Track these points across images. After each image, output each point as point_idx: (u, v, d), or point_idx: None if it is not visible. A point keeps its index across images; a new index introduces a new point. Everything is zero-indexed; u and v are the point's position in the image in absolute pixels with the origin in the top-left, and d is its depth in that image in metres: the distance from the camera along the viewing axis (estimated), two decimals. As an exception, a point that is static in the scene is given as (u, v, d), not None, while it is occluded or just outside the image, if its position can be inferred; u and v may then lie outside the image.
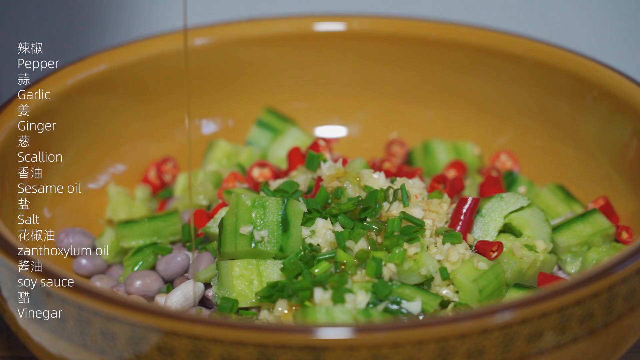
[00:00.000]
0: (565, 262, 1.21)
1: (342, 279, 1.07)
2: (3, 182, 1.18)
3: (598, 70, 1.29)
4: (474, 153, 1.40)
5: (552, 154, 1.36)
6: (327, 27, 1.43)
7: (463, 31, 1.40)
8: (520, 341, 0.94)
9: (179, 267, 1.18)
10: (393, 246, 1.11)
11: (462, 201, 1.17)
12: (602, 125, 1.29)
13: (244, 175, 1.32)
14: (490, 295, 1.11)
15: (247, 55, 1.43)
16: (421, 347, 0.92)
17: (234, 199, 1.13)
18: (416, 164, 1.40)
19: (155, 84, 1.39)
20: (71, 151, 1.31)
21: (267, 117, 1.43)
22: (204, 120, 1.44)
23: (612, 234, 1.22)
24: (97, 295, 0.96)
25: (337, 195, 1.15)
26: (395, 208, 1.14)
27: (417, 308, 1.07)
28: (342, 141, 1.43)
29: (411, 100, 1.45)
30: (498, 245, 1.14)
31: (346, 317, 1.04)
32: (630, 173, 1.25)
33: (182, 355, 0.93)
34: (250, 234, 1.12)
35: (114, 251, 1.25)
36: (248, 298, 1.10)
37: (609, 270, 0.98)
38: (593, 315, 0.97)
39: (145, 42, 1.38)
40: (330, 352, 0.91)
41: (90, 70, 1.33)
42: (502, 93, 1.39)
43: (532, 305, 0.94)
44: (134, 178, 1.38)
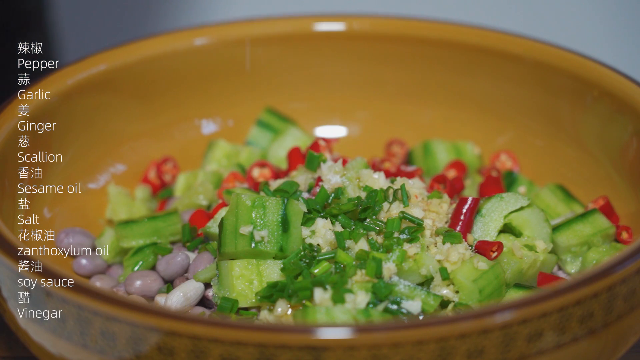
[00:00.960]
0: (565, 262, 1.21)
1: (342, 279, 1.07)
2: (3, 182, 1.18)
3: (598, 70, 1.29)
4: (474, 153, 1.40)
5: (552, 154, 1.36)
6: (327, 27, 1.43)
7: (463, 31, 1.40)
8: (520, 341, 0.94)
9: (179, 267, 1.18)
10: (393, 246, 1.11)
11: (462, 201, 1.17)
12: (602, 125, 1.29)
13: (244, 175, 1.32)
14: (490, 295, 1.11)
15: (247, 55, 1.43)
16: (421, 347, 0.92)
17: (234, 199, 1.13)
18: (416, 164, 1.40)
19: (155, 84, 1.39)
20: (71, 151, 1.31)
21: (267, 117, 1.43)
22: (204, 120, 1.44)
23: (612, 234, 1.22)
24: (97, 295, 0.96)
25: (337, 195, 1.15)
26: (395, 208, 1.14)
27: (417, 308, 1.07)
28: (342, 141, 1.43)
29: (411, 100, 1.45)
30: (498, 245, 1.14)
31: (346, 317, 1.04)
32: (630, 173, 1.25)
33: (182, 355, 0.93)
34: (250, 234, 1.12)
35: (114, 251, 1.25)
36: (248, 298, 1.10)
37: (609, 270, 0.98)
38: (593, 315, 0.97)
39: (145, 42, 1.38)
40: (330, 352, 0.91)
41: (90, 70, 1.33)
42: (502, 93, 1.39)
43: (532, 305, 0.94)
44: (134, 178, 1.38)
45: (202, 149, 1.41)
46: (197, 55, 1.40)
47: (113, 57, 1.35)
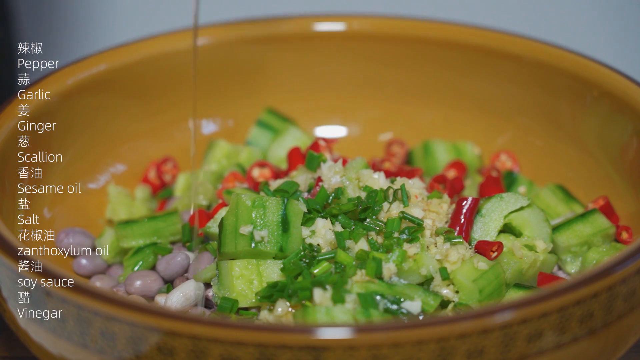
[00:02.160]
0: (565, 262, 1.21)
1: (342, 279, 1.07)
2: (3, 182, 1.17)
3: (598, 70, 1.29)
4: (474, 153, 1.40)
5: (552, 154, 1.36)
6: (327, 27, 1.43)
7: (463, 31, 1.40)
8: (520, 341, 0.94)
9: (179, 267, 1.18)
10: (393, 246, 1.11)
11: (462, 201, 1.17)
12: (602, 125, 1.29)
13: (244, 175, 1.32)
14: (490, 295, 1.11)
15: (247, 55, 1.42)
16: (421, 347, 0.92)
17: (234, 199, 1.13)
18: (416, 164, 1.40)
19: (155, 84, 1.39)
20: (71, 151, 1.31)
21: (267, 117, 1.43)
22: (204, 120, 1.44)
23: (612, 234, 1.22)
24: (97, 295, 0.96)
25: (337, 195, 1.15)
26: (395, 208, 1.14)
27: (417, 308, 1.07)
28: (342, 141, 1.43)
29: (411, 100, 1.45)
30: (498, 245, 1.14)
31: (346, 317, 1.04)
32: (630, 173, 1.25)
33: (182, 355, 0.93)
34: (250, 234, 1.12)
35: (114, 251, 1.25)
36: (248, 298, 1.10)
37: (609, 270, 0.98)
38: (593, 315, 0.97)
39: (145, 42, 1.38)
40: (330, 352, 0.91)
41: (90, 70, 1.33)
42: (502, 93, 1.39)
43: (532, 305, 0.94)
44: (134, 178, 1.38)
45: (202, 149, 1.41)
46: (197, 55, 1.40)
47: (113, 57, 1.35)
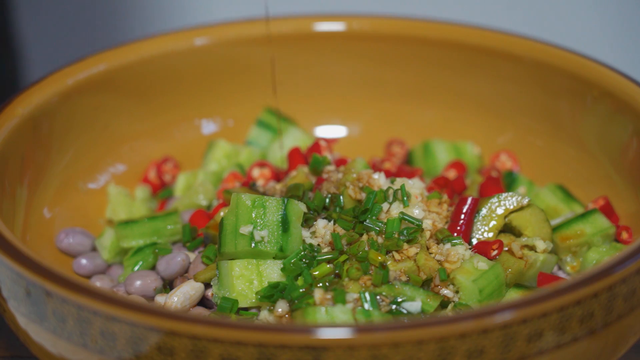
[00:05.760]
0: (565, 262, 1.21)
1: (342, 280, 1.07)
2: (3, 182, 1.17)
3: (598, 70, 1.29)
4: (474, 153, 1.40)
5: (552, 154, 1.36)
6: (327, 27, 1.43)
7: (463, 31, 1.40)
8: (520, 341, 0.94)
9: (179, 267, 1.18)
10: (393, 247, 1.11)
11: (462, 201, 1.17)
12: (602, 125, 1.29)
13: (244, 175, 1.32)
14: (490, 295, 1.11)
15: (247, 55, 1.43)
16: (421, 347, 0.92)
17: (234, 199, 1.13)
18: (416, 164, 1.40)
19: (155, 84, 1.39)
20: (71, 151, 1.31)
21: (267, 117, 1.43)
22: (204, 120, 1.44)
23: (612, 234, 1.22)
24: (97, 295, 0.96)
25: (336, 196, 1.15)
26: (395, 208, 1.14)
27: (417, 308, 1.07)
28: (342, 141, 1.43)
29: (411, 100, 1.45)
30: (498, 243, 1.14)
31: (346, 317, 1.04)
32: (630, 173, 1.25)
33: (182, 355, 0.93)
34: (250, 234, 1.12)
35: (114, 251, 1.25)
36: (248, 298, 1.10)
37: (609, 270, 0.98)
38: (593, 315, 0.97)
39: (145, 42, 1.38)
40: (330, 352, 0.91)
41: (90, 70, 1.33)
42: (502, 93, 1.39)
43: (532, 305, 0.94)
44: (134, 178, 1.38)
45: (202, 149, 1.41)
46: (197, 55, 1.40)
47: (113, 57, 1.35)
